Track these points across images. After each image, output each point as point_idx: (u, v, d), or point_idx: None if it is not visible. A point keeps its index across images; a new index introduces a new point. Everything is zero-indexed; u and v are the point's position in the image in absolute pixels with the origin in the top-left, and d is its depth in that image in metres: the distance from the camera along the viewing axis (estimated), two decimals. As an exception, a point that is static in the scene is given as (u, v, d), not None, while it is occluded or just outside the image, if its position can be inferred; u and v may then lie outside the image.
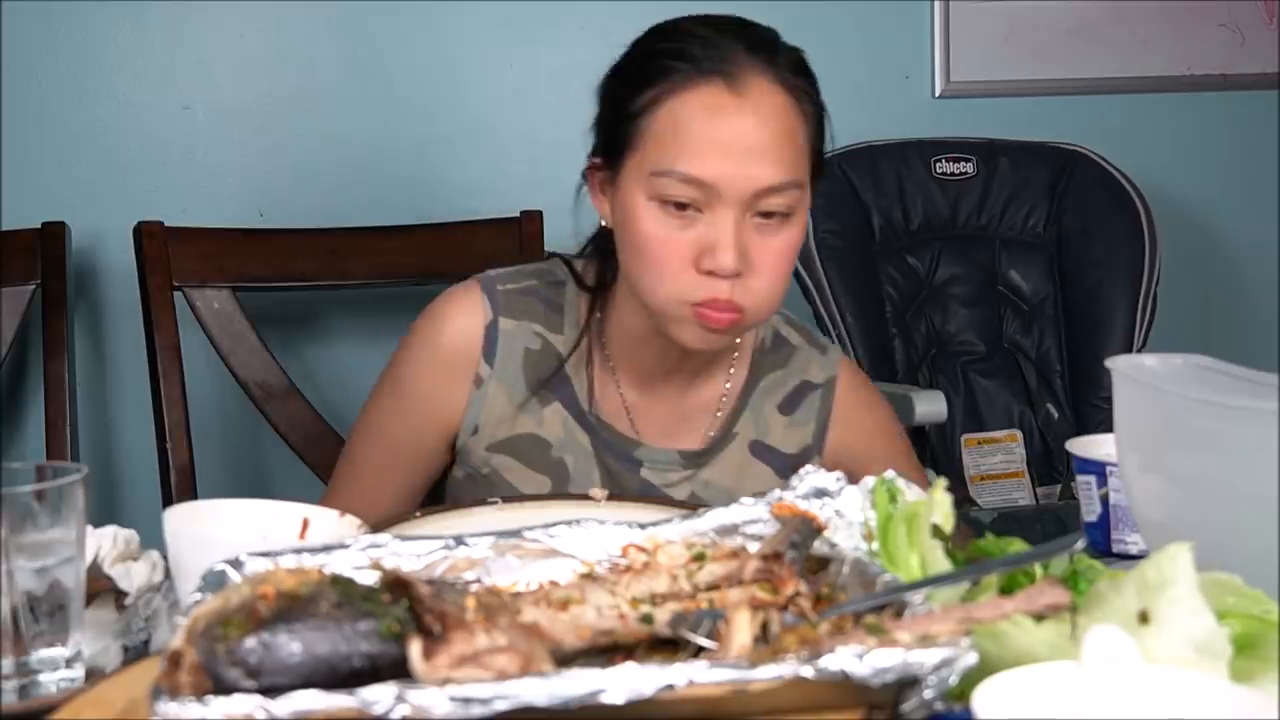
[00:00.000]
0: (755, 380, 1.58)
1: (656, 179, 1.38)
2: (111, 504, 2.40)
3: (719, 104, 1.37)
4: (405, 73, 2.48)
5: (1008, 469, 2.45)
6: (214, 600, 0.85)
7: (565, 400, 1.53)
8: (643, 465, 1.54)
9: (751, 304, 1.40)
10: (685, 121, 1.37)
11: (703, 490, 1.54)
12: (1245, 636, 0.85)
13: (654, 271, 1.40)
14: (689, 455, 1.55)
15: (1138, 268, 2.48)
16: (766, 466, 1.57)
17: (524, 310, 1.52)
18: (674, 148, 1.37)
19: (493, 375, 1.51)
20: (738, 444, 1.56)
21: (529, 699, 0.76)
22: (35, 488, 0.97)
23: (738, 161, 1.36)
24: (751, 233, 1.38)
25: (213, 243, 2.15)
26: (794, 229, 1.41)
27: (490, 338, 1.51)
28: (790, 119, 1.40)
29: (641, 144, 1.40)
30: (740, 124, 1.37)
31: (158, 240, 2.12)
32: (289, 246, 2.18)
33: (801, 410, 1.58)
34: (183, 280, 2.11)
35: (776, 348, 1.60)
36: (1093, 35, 2.76)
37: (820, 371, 1.60)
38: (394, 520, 1.23)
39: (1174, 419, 1.03)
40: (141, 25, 2.38)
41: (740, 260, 1.37)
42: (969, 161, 2.55)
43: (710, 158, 1.36)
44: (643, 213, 1.39)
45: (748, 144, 1.37)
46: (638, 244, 1.41)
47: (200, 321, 2.11)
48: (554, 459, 1.52)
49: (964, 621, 0.83)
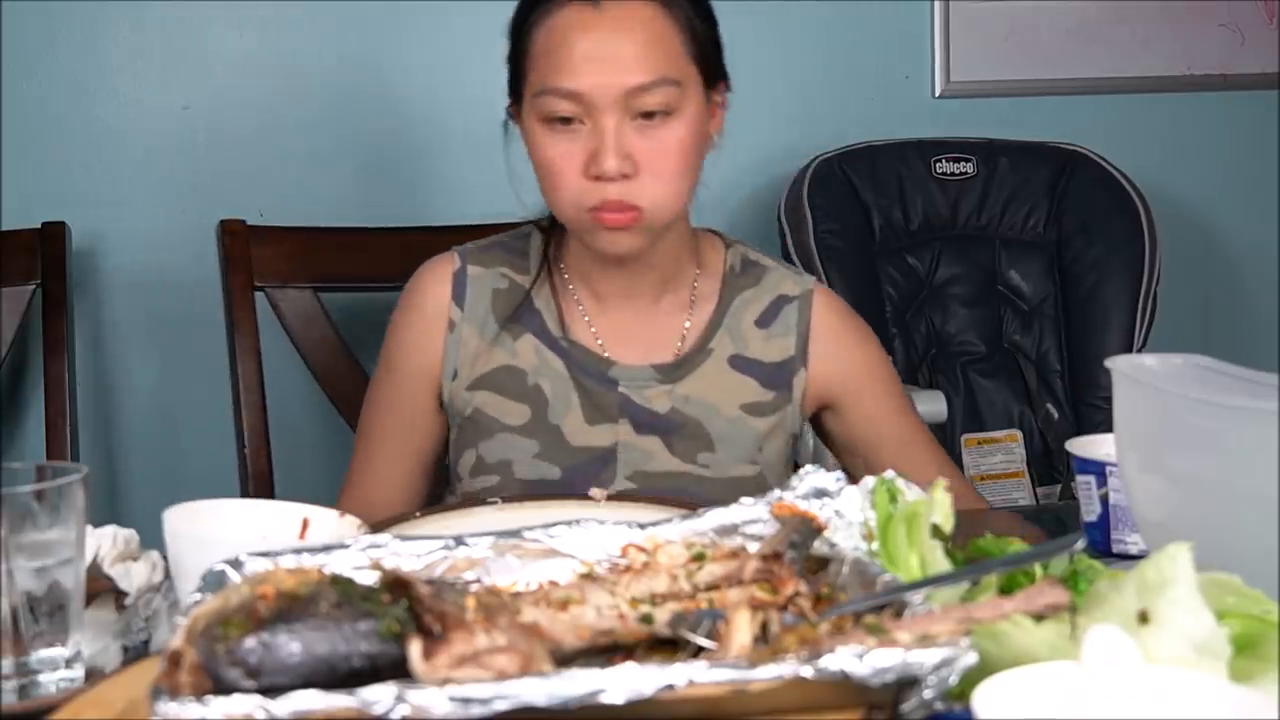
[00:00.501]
0: (728, 300, 1.64)
1: (539, 99, 1.49)
2: (111, 504, 2.40)
3: (581, 20, 1.48)
4: (405, 73, 2.48)
5: (1008, 469, 2.45)
6: (214, 600, 0.85)
7: (535, 330, 1.61)
8: (619, 383, 1.59)
9: (648, 201, 1.49)
10: (554, 42, 1.49)
11: (683, 404, 1.59)
12: (1245, 636, 0.85)
13: (554, 186, 1.51)
14: (663, 369, 1.60)
15: (1138, 268, 2.48)
16: (748, 378, 1.62)
17: (490, 259, 1.63)
18: (548, 67, 1.49)
19: (464, 318, 1.60)
20: (715, 358, 1.62)
21: (529, 699, 0.76)
22: (35, 488, 0.97)
23: (603, 69, 1.46)
24: (634, 135, 1.47)
25: (295, 241, 2.11)
26: (679, 128, 1.49)
27: (459, 283, 1.61)
28: (656, 23, 1.49)
29: (528, 72, 1.52)
30: (601, 34, 1.47)
31: (239, 239, 2.07)
32: (371, 245, 2.14)
33: (779, 322, 1.64)
34: (264, 280, 2.07)
35: (747, 269, 1.67)
36: (1093, 35, 2.75)
37: (795, 286, 1.66)
38: (394, 520, 1.24)
39: (1174, 419, 1.03)
40: (141, 25, 2.38)
41: (625, 162, 1.46)
42: (969, 161, 2.55)
43: (578, 69, 1.46)
44: (537, 135, 1.51)
45: (610, 51, 1.47)
46: (539, 164, 1.52)
47: (282, 322, 2.08)
48: (530, 386, 1.59)
49: (964, 621, 0.83)
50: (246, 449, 2.03)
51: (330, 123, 2.46)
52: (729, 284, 1.64)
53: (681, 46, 1.50)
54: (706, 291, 1.64)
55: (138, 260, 2.40)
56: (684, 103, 1.49)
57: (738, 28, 2.61)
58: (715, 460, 1.59)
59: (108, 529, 1.15)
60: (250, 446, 2.03)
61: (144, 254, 2.41)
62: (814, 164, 2.47)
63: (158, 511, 1.09)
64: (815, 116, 2.65)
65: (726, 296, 1.64)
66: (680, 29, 1.51)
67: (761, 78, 2.63)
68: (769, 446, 1.62)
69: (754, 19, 2.61)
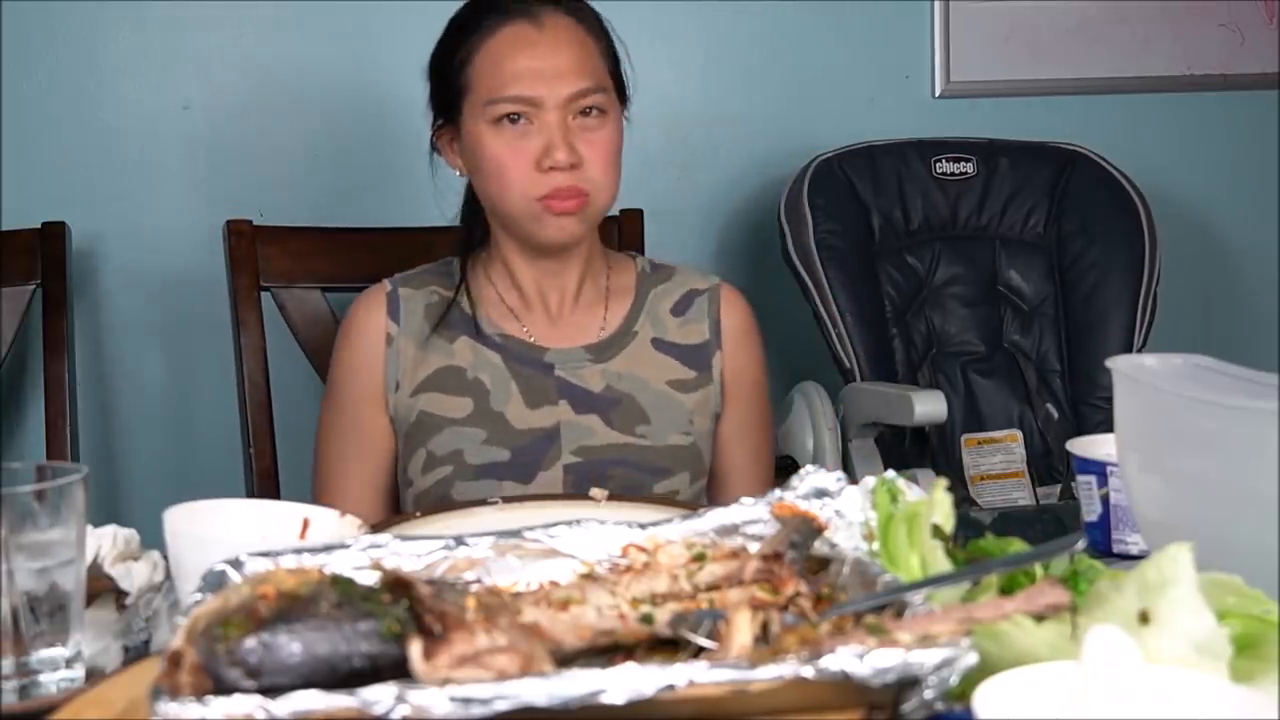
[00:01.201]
0: (645, 293, 1.79)
1: (491, 106, 1.66)
2: (111, 504, 2.40)
3: (526, 36, 1.67)
4: (405, 73, 2.47)
5: (1008, 469, 2.45)
6: (214, 600, 0.85)
7: (468, 332, 1.73)
8: (555, 367, 1.72)
9: (592, 187, 1.66)
10: (501, 57, 1.67)
11: (616, 380, 1.72)
12: (1245, 636, 0.85)
13: (503, 180, 1.66)
14: (593, 348, 1.74)
15: (1138, 268, 2.48)
16: (670, 358, 1.76)
17: (420, 281, 1.77)
18: (499, 79, 1.66)
19: (400, 331, 1.73)
20: (639, 340, 1.76)
21: (529, 699, 0.76)
22: (35, 488, 0.97)
23: (550, 77, 1.65)
24: (576, 132, 1.66)
25: (301, 241, 2.12)
26: (611, 125, 1.69)
27: (393, 302, 1.74)
28: (585, 42, 1.70)
29: (472, 88, 1.68)
30: (544, 49, 1.67)
31: (245, 239, 2.08)
32: (377, 245, 2.14)
33: (693, 310, 1.79)
34: (270, 281, 2.08)
35: (657, 270, 1.82)
36: (1093, 35, 2.75)
37: (704, 282, 1.82)
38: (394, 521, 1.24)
39: (1174, 419, 1.03)
40: (141, 25, 2.38)
41: (572, 153, 1.64)
42: (969, 161, 2.54)
43: (528, 80, 1.65)
44: (486, 138, 1.67)
45: (554, 63, 1.66)
46: (487, 163, 1.67)
47: (289, 322, 2.08)
48: (470, 380, 1.71)
49: (964, 622, 0.83)
50: (252, 448, 2.03)
51: (330, 123, 2.46)
52: (643, 280, 1.80)
53: (603, 60, 1.71)
54: (622, 286, 1.79)
55: (138, 260, 2.40)
56: (610, 107, 1.69)
57: (738, 27, 2.63)
58: (651, 431, 1.70)
59: (108, 529, 1.15)
60: (255, 446, 2.03)
61: (144, 254, 2.41)
62: (814, 164, 2.47)
63: (158, 511, 1.09)
64: (815, 116, 2.65)
65: (643, 290, 1.79)
66: (601, 51, 1.71)
67: (761, 78, 2.63)
68: (697, 420, 1.74)
69: (754, 19, 2.61)
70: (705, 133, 2.61)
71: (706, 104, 2.60)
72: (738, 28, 2.62)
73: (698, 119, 2.61)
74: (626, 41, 1.74)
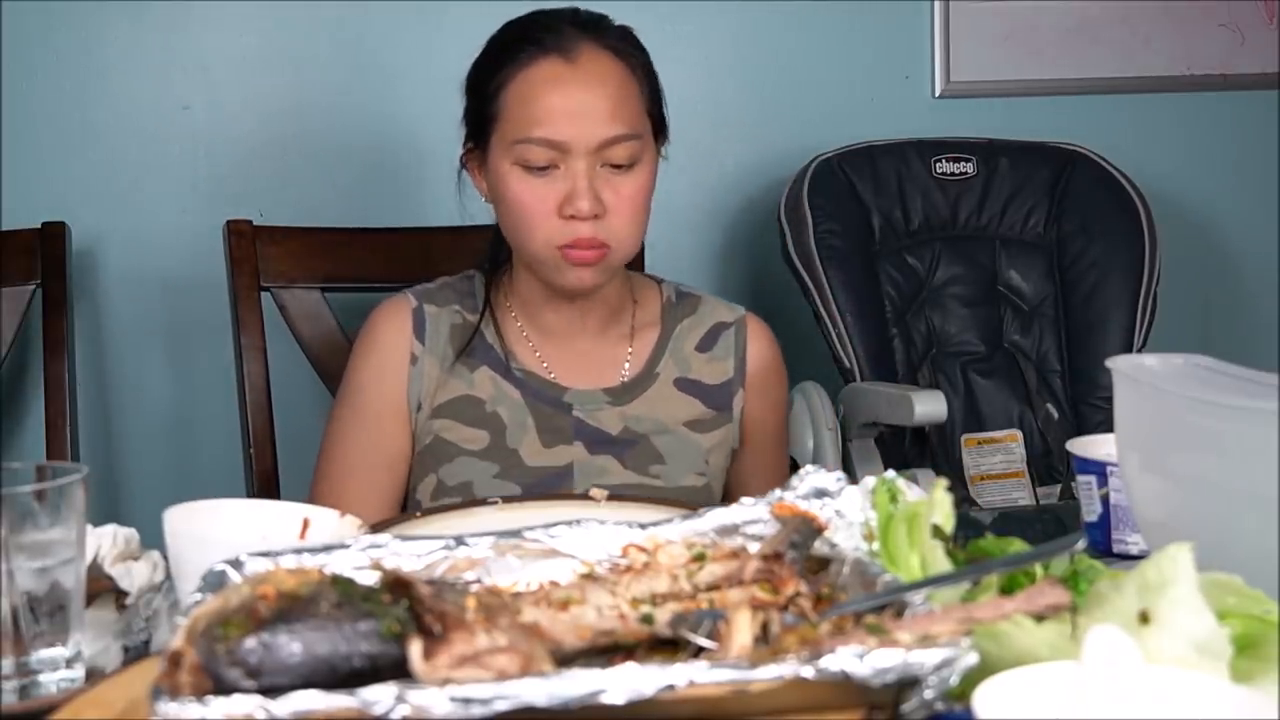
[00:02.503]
0: (670, 328, 1.76)
1: (517, 146, 1.61)
2: (111, 504, 2.40)
3: (558, 73, 1.61)
4: (405, 73, 2.48)
5: (1008, 469, 2.45)
6: (214, 600, 0.85)
7: (491, 363, 1.70)
8: (573, 407, 1.69)
9: (614, 240, 1.61)
10: (532, 94, 1.60)
11: (635, 423, 1.70)
12: (1245, 637, 0.85)
13: (525, 224, 1.62)
14: (613, 391, 1.71)
15: (1138, 268, 2.47)
16: (692, 398, 1.73)
17: (444, 298, 1.73)
18: (527, 118, 1.60)
19: (425, 350, 1.69)
20: (662, 381, 1.73)
21: (529, 699, 0.76)
22: (35, 488, 0.97)
23: (581, 121, 1.59)
24: (603, 180, 1.61)
25: (301, 241, 2.11)
26: (640, 176, 1.63)
27: (419, 320, 1.71)
28: (622, 81, 1.63)
29: (501, 120, 1.63)
30: (576, 89, 1.60)
31: (246, 239, 2.08)
32: (378, 245, 2.14)
33: (719, 346, 1.76)
34: (270, 281, 2.07)
35: (682, 301, 1.79)
36: (1093, 35, 2.75)
37: (730, 314, 1.79)
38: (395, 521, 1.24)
39: (1174, 419, 1.03)
40: (140, 25, 2.38)
41: (596, 204, 1.59)
42: (969, 161, 2.54)
43: (558, 122, 1.59)
44: (509, 179, 1.62)
45: (587, 106, 1.60)
46: (510, 205, 1.63)
47: (289, 323, 2.08)
48: (488, 413, 1.68)
49: (964, 622, 0.83)
50: (252, 448, 2.03)
51: (330, 123, 2.45)
52: (668, 314, 1.77)
53: (640, 103, 1.64)
54: (646, 321, 1.76)
55: (138, 260, 2.40)
56: (644, 153, 1.63)
57: (738, 27, 2.63)
58: (666, 471, 1.69)
59: (108, 528, 1.15)
60: (255, 446, 2.03)
61: (144, 254, 2.40)
62: (814, 164, 2.47)
63: (158, 511, 1.09)
64: (815, 116, 2.65)
65: (668, 325, 1.76)
66: (640, 86, 1.65)
67: (761, 78, 2.63)
68: (713, 459, 1.72)
69: (755, 19, 2.61)
70: (705, 133, 2.61)
71: (706, 104, 2.60)
72: (738, 28, 2.61)
73: (698, 119, 2.60)
74: (626, 41, 1.70)
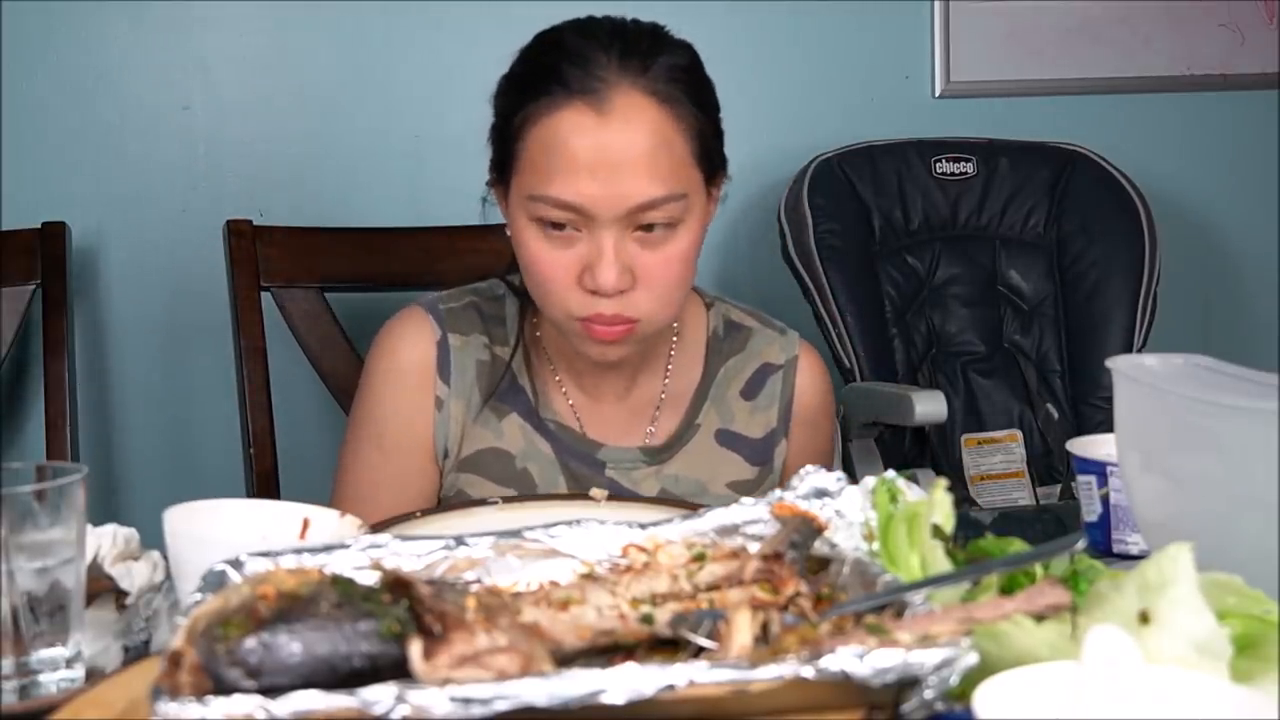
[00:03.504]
0: (714, 370, 1.58)
1: (533, 203, 1.39)
2: (111, 504, 2.40)
3: (583, 124, 1.36)
4: (405, 73, 2.48)
5: (1008, 469, 2.45)
6: (214, 600, 0.85)
7: (521, 410, 1.53)
8: (606, 466, 1.54)
9: (644, 314, 1.41)
10: (553, 145, 1.37)
11: (673, 485, 1.54)
12: (1245, 637, 0.85)
13: (542, 290, 1.42)
14: (651, 451, 1.55)
15: (1138, 268, 2.48)
16: (735, 454, 1.57)
17: (469, 324, 1.53)
18: (544, 172, 1.37)
19: (451, 394, 1.51)
20: (703, 434, 1.56)
21: (529, 699, 0.76)
22: (35, 488, 0.97)
23: (606, 181, 1.35)
24: (635, 247, 1.39)
25: (301, 241, 2.11)
26: (683, 239, 1.41)
27: (443, 356, 1.52)
28: (664, 130, 1.38)
29: (519, 167, 1.41)
30: (605, 143, 1.36)
31: (246, 239, 2.07)
32: (378, 245, 2.13)
33: (763, 395, 1.58)
34: (270, 281, 2.07)
35: (731, 334, 1.60)
36: (1093, 35, 2.75)
37: (781, 353, 1.60)
38: (394, 521, 1.24)
39: (1174, 419, 1.03)
40: (141, 25, 2.38)
41: (623, 277, 1.38)
42: (969, 161, 2.55)
43: (578, 180, 1.36)
44: (526, 234, 1.41)
45: (615, 162, 1.35)
46: (526, 263, 1.43)
47: (289, 323, 2.07)
48: (518, 470, 1.52)
49: (964, 622, 0.83)
50: (252, 449, 2.03)
51: (330, 123, 2.46)
52: (714, 351, 1.59)
53: (688, 154, 1.40)
54: (688, 360, 1.58)
55: (138, 260, 2.40)
56: (689, 214, 1.40)
57: (739, 27, 2.63)
58: None
59: (108, 528, 1.15)
60: (255, 446, 2.02)
61: (144, 254, 2.41)
62: (814, 164, 2.47)
63: (158, 511, 1.09)
64: (815, 116, 2.65)
65: (712, 365, 1.58)
66: (687, 135, 1.40)
67: (761, 78, 2.63)
68: None
69: (754, 18, 2.61)
70: (705, 133, 2.61)
71: (706, 104, 2.60)
72: (737, 28, 2.61)
73: (698, 119, 2.60)
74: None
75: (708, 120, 1.44)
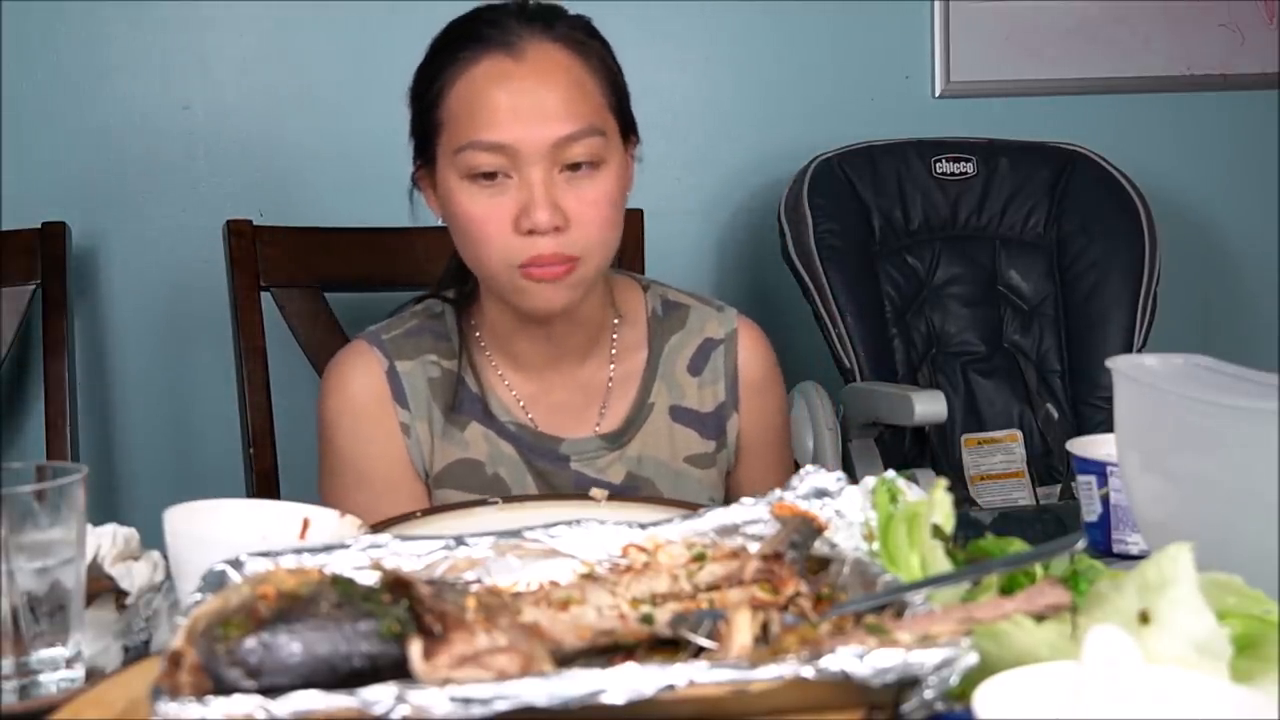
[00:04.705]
0: (659, 348, 1.61)
1: (461, 155, 1.44)
2: (111, 504, 2.40)
3: (502, 70, 1.44)
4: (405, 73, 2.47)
5: (1008, 469, 2.45)
6: (214, 600, 0.85)
7: (477, 415, 1.56)
8: (571, 459, 1.56)
9: (581, 251, 1.45)
10: (474, 95, 1.44)
11: (636, 466, 1.57)
12: (1246, 637, 0.85)
13: (479, 243, 1.46)
14: (610, 436, 1.58)
15: (1138, 268, 2.48)
16: (689, 429, 1.60)
17: (414, 348, 1.57)
18: (469, 121, 1.44)
19: (413, 417, 1.55)
20: (657, 412, 1.60)
21: (529, 699, 0.76)
22: (35, 488, 0.97)
23: (529, 120, 1.42)
24: (564, 186, 1.44)
25: (301, 241, 2.11)
26: (608, 177, 1.47)
27: (395, 383, 1.55)
28: (576, 72, 1.46)
29: (444, 127, 1.47)
30: (524, 85, 1.44)
31: (246, 239, 2.07)
32: (377, 245, 2.13)
33: (708, 369, 1.62)
34: (270, 281, 2.07)
35: (670, 313, 1.63)
36: (1093, 35, 2.76)
37: (720, 328, 1.63)
38: (394, 521, 1.24)
39: (1174, 419, 1.03)
40: (141, 25, 2.38)
41: (556, 214, 1.43)
42: (969, 161, 2.55)
43: (503, 121, 1.43)
44: (459, 195, 1.46)
45: (535, 101, 1.43)
46: (460, 223, 1.47)
47: (289, 323, 2.08)
48: (489, 476, 1.55)
49: (964, 621, 0.83)
50: (252, 448, 2.03)
51: (330, 123, 2.46)
52: (655, 330, 1.62)
53: (602, 96, 1.48)
54: (632, 341, 1.61)
55: (138, 260, 2.41)
56: (609, 153, 1.47)
57: (738, 27, 2.63)
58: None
59: (108, 528, 1.15)
60: (255, 446, 2.03)
61: (144, 254, 2.41)
62: (814, 164, 2.47)
63: (158, 511, 1.09)
64: (815, 116, 2.65)
65: (656, 345, 1.61)
66: (599, 79, 1.48)
67: (761, 78, 2.63)
68: (715, 494, 1.61)
69: (754, 19, 2.61)
70: (705, 133, 2.61)
71: (706, 104, 2.61)
72: (738, 28, 2.62)
73: (698, 119, 2.61)
74: (626, 41, 1.59)
75: (615, 80, 1.51)
